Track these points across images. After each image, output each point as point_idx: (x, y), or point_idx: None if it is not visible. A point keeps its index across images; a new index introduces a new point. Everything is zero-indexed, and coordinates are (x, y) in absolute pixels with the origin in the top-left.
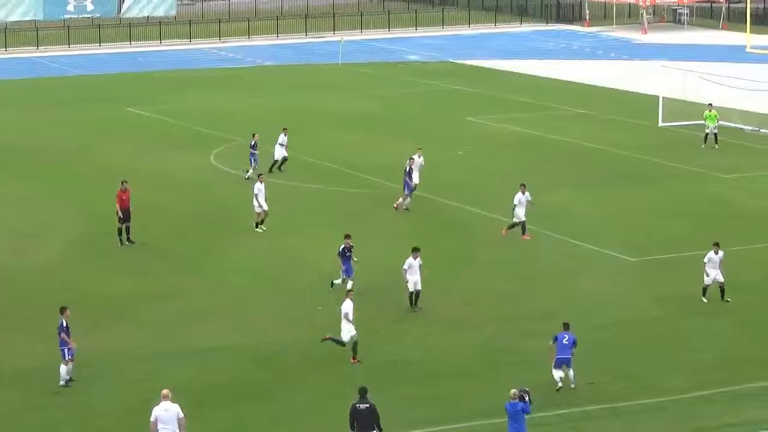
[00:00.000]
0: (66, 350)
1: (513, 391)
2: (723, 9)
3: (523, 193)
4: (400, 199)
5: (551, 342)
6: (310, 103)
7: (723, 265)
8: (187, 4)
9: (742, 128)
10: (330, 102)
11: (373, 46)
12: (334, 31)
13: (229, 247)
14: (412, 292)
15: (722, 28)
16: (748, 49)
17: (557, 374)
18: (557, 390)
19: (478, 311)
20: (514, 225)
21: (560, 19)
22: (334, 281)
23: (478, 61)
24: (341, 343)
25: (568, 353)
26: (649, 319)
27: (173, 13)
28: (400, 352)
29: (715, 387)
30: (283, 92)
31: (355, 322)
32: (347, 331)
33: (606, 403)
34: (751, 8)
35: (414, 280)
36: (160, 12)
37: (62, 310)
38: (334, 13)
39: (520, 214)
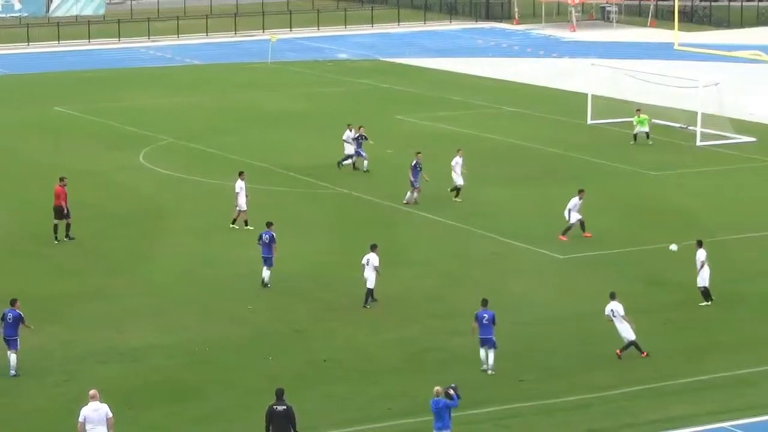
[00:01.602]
0: (16, 340)
1: (437, 388)
2: (651, 7)
3: (580, 199)
4: (408, 194)
5: (474, 322)
6: (240, 101)
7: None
8: (116, 4)
9: (670, 125)
10: (260, 100)
11: (303, 44)
12: (263, 29)
13: (158, 246)
14: (369, 289)
15: (650, 26)
16: (676, 47)
17: (483, 354)
18: (482, 370)
19: (405, 309)
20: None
21: (489, 17)
22: (266, 282)
23: (408, 60)
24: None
25: (490, 333)
26: (577, 316)
27: (102, 12)
28: (329, 351)
29: (642, 384)
30: (214, 91)
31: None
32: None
33: (535, 400)
34: (678, 6)
35: (367, 276)
36: (88, 11)
37: (13, 302)
38: (263, 12)
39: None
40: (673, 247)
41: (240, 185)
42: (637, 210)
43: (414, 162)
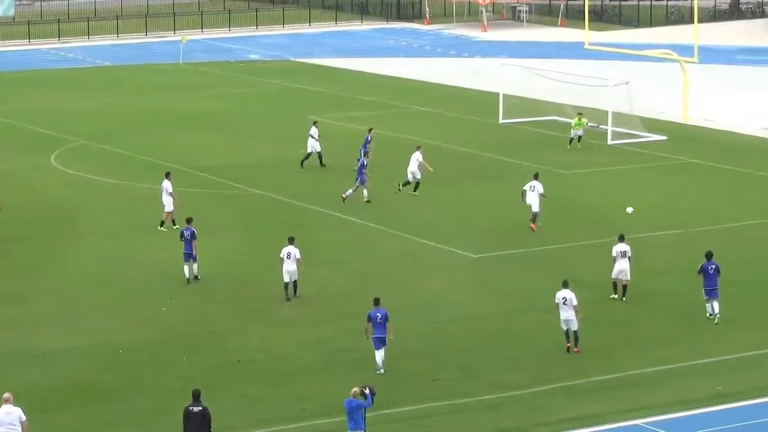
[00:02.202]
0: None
1: (354, 389)
2: (561, 6)
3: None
4: (350, 191)
5: (367, 322)
6: (152, 102)
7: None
8: (26, 5)
9: None
10: (171, 101)
11: (214, 45)
12: (174, 30)
13: (70, 248)
14: (287, 283)
15: (561, 26)
16: (586, 46)
17: (377, 356)
18: (377, 371)
19: (320, 310)
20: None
21: (401, 17)
22: (195, 275)
23: (320, 60)
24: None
25: (383, 332)
26: (490, 315)
27: (11, 13)
28: (243, 352)
29: (555, 382)
30: (125, 92)
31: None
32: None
33: (449, 399)
34: (589, 5)
35: (288, 270)
36: None
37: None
38: (174, 13)
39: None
40: (629, 210)
41: (166, 186)
42: (549, 209)
43: (361, 159)
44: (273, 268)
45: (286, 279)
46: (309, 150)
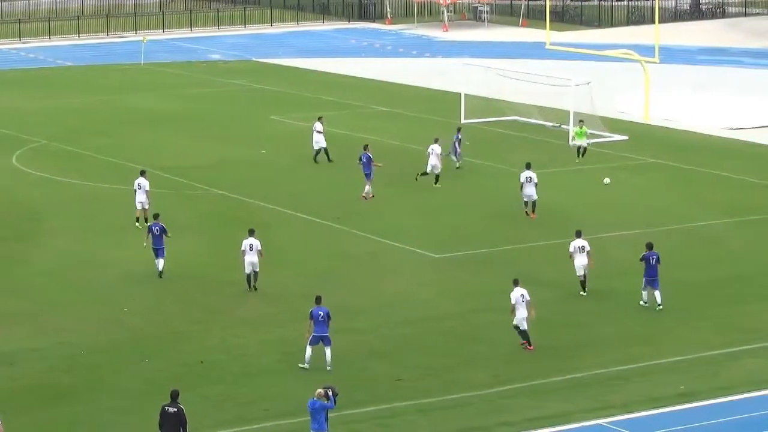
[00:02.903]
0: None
1: (319, 390)
2: (522, 6)
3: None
4: (367, 188)
5: (309, 320)
6: (113, 103)
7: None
8: None
9: (543, 124)
10: (133, 102)
11: (176, 45)
12: (136, 30)
13: (33, 249)
14: (248, 274)
15: (522, 26)
16: (547, 46)
17: (309, 352)
18: (302, 367)
19: (281, 310)
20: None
21: (362, 17)
22: (161, 271)
23: (281, 60)
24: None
25: (325, 330)
26: (453, 314)
27: None
28: (205, 353)
29: (519, 381)
30: (86, 92)
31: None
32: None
33: (412, 399)
34: (550, 6)
35: (251, 261)
36: None
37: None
38: (135, 13)
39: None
40: (607, 180)
41: (143, 183)
42: (511, 209)
43: (362, 154)
44: (234, 268)
45: (248, 270)
46: (315, 146)
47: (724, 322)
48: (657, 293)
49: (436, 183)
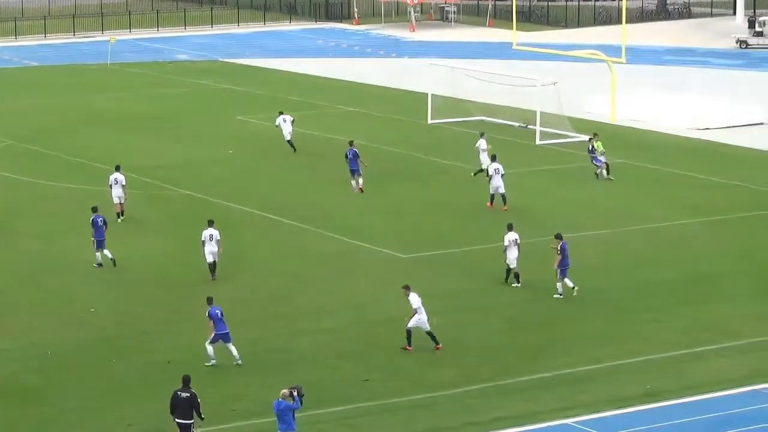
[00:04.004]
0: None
1: (283, 391)
2: (489, 7)
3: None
4: (353, 182)
5: (209, 320)
6: (80, 103)
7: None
8: None
9: (510, 125)
10: (100, 102)
11: (143, 45)
12: (102, 30)
13: (0, 250)
14: (210, 263)
15: (489, 26)
16: (514, 47)
17: (212, 350)
18: (210, 365)
19: (248, 311)
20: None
21: (329, 17)
22: (109, 258)
23: (248, 60)
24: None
25: (225, 328)
26: None
27: None
28: (172, 353)
29: (487, 381)
30: (53, 93)
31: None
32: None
33: (379, 399)
34: (517, 6)
35: (211, 251)
36: None
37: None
38: (102, 13)
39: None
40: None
41: (120, 179)
42: (478, 209)
43: (348, 150)
44: (202, 268)
45: (210, 259)
46: (287, 137)
47: (690, 322)
48: (567, 279)
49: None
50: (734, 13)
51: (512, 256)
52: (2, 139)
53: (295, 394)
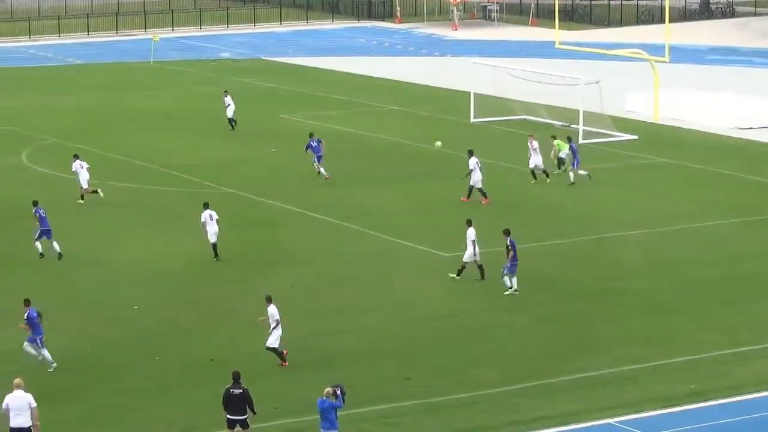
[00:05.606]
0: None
1: (327, 389)
2: (532, 5)
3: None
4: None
5: (26, 322)
6: (123, 101)
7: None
8: None
9: (552, 123)
10: (143, 100)
11: (186, 43)
12: (145, 29)
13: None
14: (213, 243)
15: (531, 25)
16: (557, 45)
17: (32, 350)
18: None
19: (289, 309)
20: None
21: (371, 15)
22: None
23: (291, 59)
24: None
25: (41, 331)
26: (462, 313)
27: None
28: (212, 351)
29: (528, 381)
30: (96, 91)
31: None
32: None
33: (421, 398)
34: (559, 5)
35: (214, 231)
36: None
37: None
38: (145, 11)
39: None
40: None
41: (83, 164)
42: (523, 209)
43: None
44: (242, 267)
45: (213, 240)
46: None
47: (731, 321)
48: (512, 278)
49: (548, 177)
50: None
51: (472, 251)
52: (45, 137)
53: (339, 392)
